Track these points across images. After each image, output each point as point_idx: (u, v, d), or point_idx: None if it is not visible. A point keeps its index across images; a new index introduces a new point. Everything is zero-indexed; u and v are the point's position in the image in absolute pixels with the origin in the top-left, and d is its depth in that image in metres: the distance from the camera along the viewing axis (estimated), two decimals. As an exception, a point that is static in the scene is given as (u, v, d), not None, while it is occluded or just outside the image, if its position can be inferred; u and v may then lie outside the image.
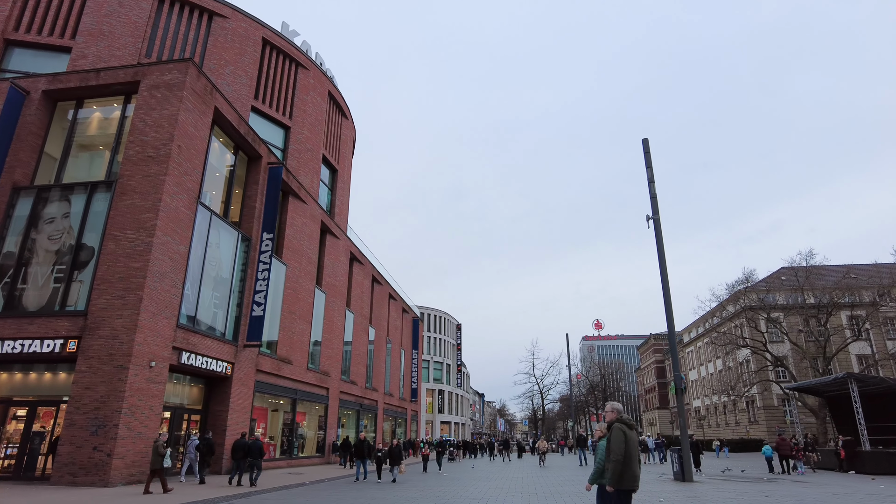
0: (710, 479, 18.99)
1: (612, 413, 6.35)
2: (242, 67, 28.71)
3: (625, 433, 5.92)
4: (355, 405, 35.86)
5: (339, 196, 36.48)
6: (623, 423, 6.07)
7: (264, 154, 24.77)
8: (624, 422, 6.10)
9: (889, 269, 48.56)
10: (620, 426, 6.00)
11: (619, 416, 6.18)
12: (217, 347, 20.23)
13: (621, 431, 5.94)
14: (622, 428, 5.97)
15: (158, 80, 19.12)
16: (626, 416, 6.27)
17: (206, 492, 14.67)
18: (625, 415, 6.26)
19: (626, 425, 6.04)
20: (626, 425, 6.04)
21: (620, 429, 5.97)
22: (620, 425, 6.00)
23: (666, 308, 17.13)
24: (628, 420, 6.18)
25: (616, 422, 6.10)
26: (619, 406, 6.46)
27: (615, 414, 6.27)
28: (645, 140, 18.90)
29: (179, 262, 18.20)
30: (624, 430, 5.94)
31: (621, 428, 5.97)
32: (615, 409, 6.36)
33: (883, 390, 24.80)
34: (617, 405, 6.46)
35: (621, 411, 6.32)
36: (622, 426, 6.00)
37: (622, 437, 5.88)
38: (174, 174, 18.06)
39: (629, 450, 5.85)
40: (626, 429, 5.98)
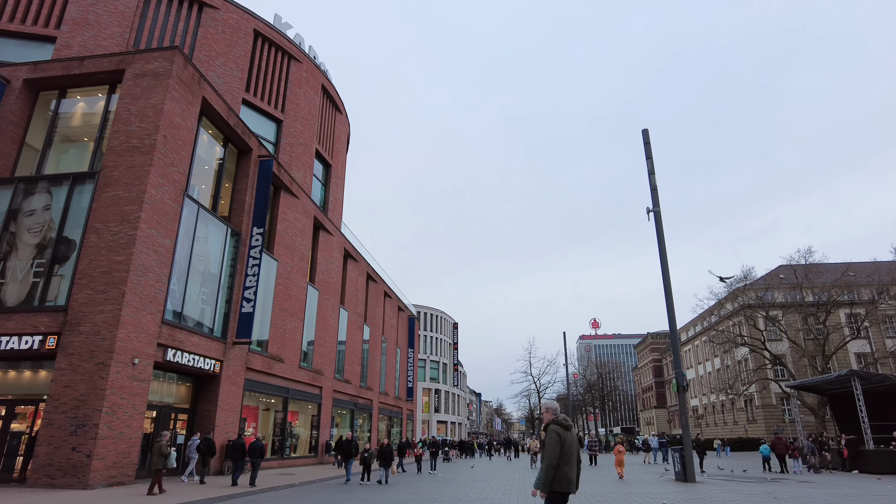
0: (713, 479, 18.50)
1: (547, 413, 6.10)
2: (233, 59, 28.09)
3: (559, 435, 5.70)
4: (349, 404, 35.28)
5: (333, 192, 35.89)
6: (559, 424, 5.82)
7: (254, 147, 24.18)
8: (559, 423, 5.84)
9: (888, 267, 48.24)
10: (555, 428, 5.76)
11: (555, 417, 5.92)
12: (205, 344, 19.63)
13: (556, 433, 5.71)
14: (557, 430, 5.73)
15: (144, 69, 18.51)
16: (563, 416, 6.00)
17: (199, 492, 14.32)
18: (561, 415, 6.00)
19: (561, 426, 5.79)
20: (561, 426, 5.79)
21: (555, 430, 5.73)
22: (556, 427, 5.77)
23: (667, 302, 16.63)
24: (564, 421, 5.92)
25: (552, 423, 5.86)
26: (555, 405, 6.21)
27: (551, 414, 6.02)
28: (645, 131, 18.42)
29: (165, 257, 17.60)
30: (559, 432, 5.71)
31: (556, 430, 5.73)
32: (550, 410, 6.12)
33: (886, 388, 24.40)
34: (552, 405, 6.21)
35: (557, 412, 6.06)
36: (557, 427, 5.76)
37: (556, 439, 5.67)
38: (159, 165, 17.46)
39: (564, 452, 5.64)
40: (561, 430, 5.74)
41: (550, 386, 77.13)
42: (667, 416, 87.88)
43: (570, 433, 5.86)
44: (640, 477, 19.85)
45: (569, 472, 5.64)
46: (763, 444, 25.77)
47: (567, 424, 5.89)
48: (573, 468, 5.70)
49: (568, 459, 5.66)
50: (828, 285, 45.33)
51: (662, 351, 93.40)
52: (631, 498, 13.25)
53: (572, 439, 5.84)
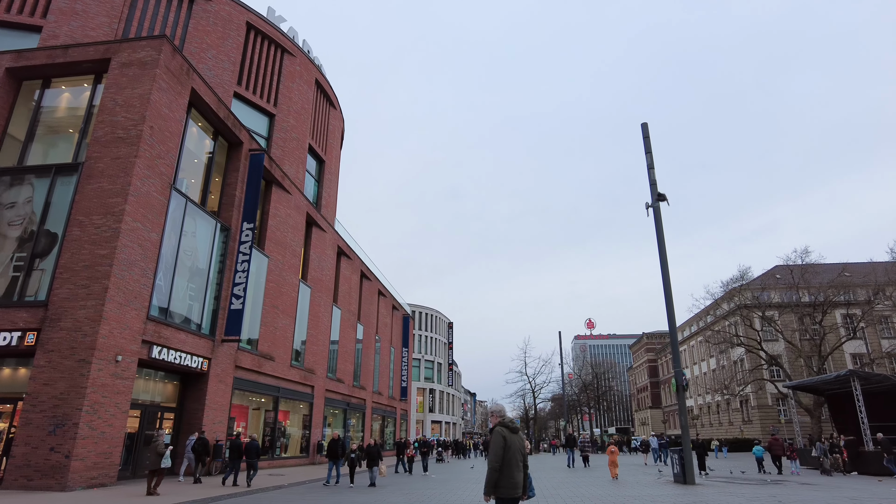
0: (712, 481, 18.12)
1: (493, 417, 5.99)
2: (225, 52, 27.55)
3: (504, 438, 5.63)
4: (342, 404, 34.80)
5: (327, 188, 35.38)
6: (504, 426, 5.77)
7: (245, 140, 23.68)
8: (505, 425, 5.79)
9: (884, 268, 48.08)
10: (500, 430, 5.69)
11: (502, 420, 5.87)
12: (192, 342, 19.13)
13: (500, 436, 5.64)
14: (502, 432, 5.67)
15: (130, 58, 18.00)
16: (511, 418, 6.01)
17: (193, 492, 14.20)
18: (508, 417, 5.98)
19: (507, 429, 5.74)
20: (507, 429, 5.74)
21: (500, 433, 5.67)
22: (501, 429, 5.70)
23: (666, 299, 16.25)
24: (511, 423, 5.89)
25: (497, 425, 5.82)
26: (501, 408, 6.01)
27: (497, 418, 5.88)
28: (644, 124, 18.03)
29: (151, 251, 17.10)
30: (504, 435, 5.65)
31: (501, 432, 5.67)
32: (496, 413, 5.90)
33: (886, 388, 24.11)
34: (498, 408, 5.98)
35: (503, 414, 5.69)
36: (503, 430, 5.69)
37: (501, 442, 5.61)
38: (146, 157, 16.96)
39: (509, 455, 5.58)
40: (507, 433, 5.68)
41: (546, 386, 76.82)
42: (662, 417, 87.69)
43: (517, 436, 5.77)
44: (637, 478, 19.47)
45: (514, 476, 5.54)
46: (756, 446, 25.51)
47: (513, 427, 5.82)
48: (519, 472, 5.60)
49: (513, 463, 5.57)
50: (824, 285, 45.16)
51: (658, 351, 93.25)
52: (628, 501, 12.85)
53: (518, 443, 5.75)
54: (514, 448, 5.67)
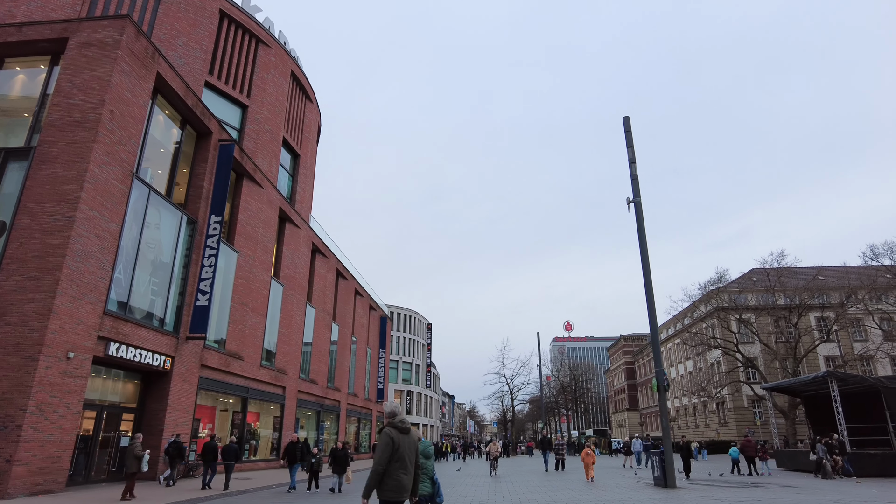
0: (692, 484, 17.72)
1: (386, 417, 5.75)
2: (196, 40, 26.53)
3: (392, 438, 5.36)
4: (315, 405, 33.86)
5: (302, 183, 34.45)
6: (394, 426, 5.49)
7: (215, 130, 22.75)
8: (395, 425, 5.50)
9: (857, 272, 48.76)
10: (389, 431, 5.42)
11: (392, 420, 5.58)
12: (154, 339, 18.15)
13: (388, 436, 5.37)
14: (390, 433, 5.40)
15: (90, 38, 17.01)
16: (402, 418, 5.63)
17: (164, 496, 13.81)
18: (399, 417, 5.62)
19: (397, 429, 5.46)
20: (397, 429, 5.46)
21: (388, 433, 5.40)
22: (390, 430, 5.43)
23: (647, 296, 15.80)
24: (402, 424, 5.55)
25: (387, 425, 5.52)
26: (393, 407, 5.80)
27: (389, 418, 5.66)
28: (626, 118, 17.61)
29: (109, 242, 16.12)
30: (392, 436, 5.38)
31: (389, 433, 5.40)
32: (387, 413, 5.77)
33: (862, 389, 24.02)
34: (389, 408, 5.81)
35: (395, 414, 5.68)
36: (391, 431, 5.42)
37: (388, 442, 5.33)
38: (105, 142, 16.00)
39: (397, 457, 5.31)
40: (395, 433, 5.41)
41: (524, 387, 76.62)
42: (639, 419, 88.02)
43: (408, 437, 5.52)
44: (616, 482, 19.00)
45: (401, 479, 5.28)
46: (733, 447, 25.54)
47: (404, 428, 5.54)
48: (408, 475, 5.36)
49: (402, 465, 5.31)
50: (799, 288, 45.57)
51: (635, 353, 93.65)
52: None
53: (409, 444, 5.49)
54: (404, 449, 5.39)
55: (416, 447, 5.68)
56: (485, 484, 19.24)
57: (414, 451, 5.61)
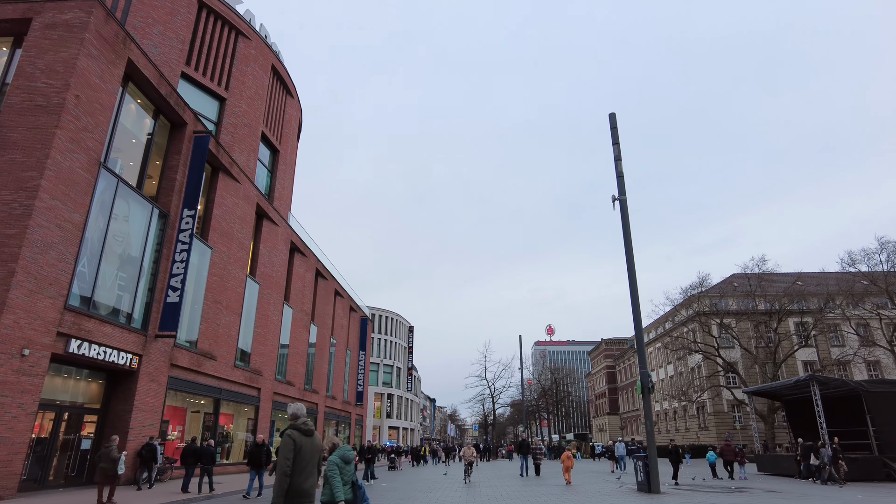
0: (676, 489, 17.36)
1: (289, 419, 5.52)
2: (173, 29, 25.69)
3: (295, 441, 5.18)
4: (292, 407, 32.98)
5: (281, 179, 33.65)
6: (296, 429, 5.31)
7: (190, 121, 21.97)
8: (298, 427, 5.32)
9: (835, 278, 49.22)
10: (291, 433, 5.24)
11: (295, 422, 5.39)
12: (119, 336, 17.32)
13: (290, 439, 5.18)
14: (292, 435, 5.22)
15: (55, 19, 16.23)
16: (305, 420, 5.44)
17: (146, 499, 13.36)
18: (302, 419, 5.43)
19: (300, 432, 5.28)
20: (300, 432, 5.28)
21: (290, 436, 5.21)
22: (292, 432, 5.26)
23: (632, 295, 15.43)
24: (304, 426, 5.37)
25: (289, 427, 5.34)
26: (295, 409, 5.57)
27: (291, 419, 5.46)
28: (612, 115, 17.29)
29: (72, 233, 15.31)
30: (294, 438, 5.20)
31: (291, 435, 5.22)
32: (291, 415, 5.51)
33: (844, 393, 23.97)
34: (293, 409, 5.56)
35: (297, 416, 5.46)
36: (294, 433, 5.24)
37: (290, 445, 5.14)
38: (69, 129, 15.22)
39: (299, 460, 5.13)
40: (297, 436, 5.23)
41: (505, 390, 76.22)
42: (620, 423, 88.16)
43: (311, 440, 5.33)
44: (598, 487, 18.57)
45: (303, 485, 5.12)
46: (710, 451, 25.46)
47: (306, 430, 5.35)
48: (309, 479, 5.20)
49: (303, 469, 5.15)
50: (779, 294, 45.85)
51: (616, 357, 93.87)
52: (591, 511, 11.84)
53: (311, 447, 5.32)
54: (307, 453, 5.21)
55: (319, 451, 5.46)
56: (458, 490, 18.49)
57: (317, 456, 5.40)
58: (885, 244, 40.71)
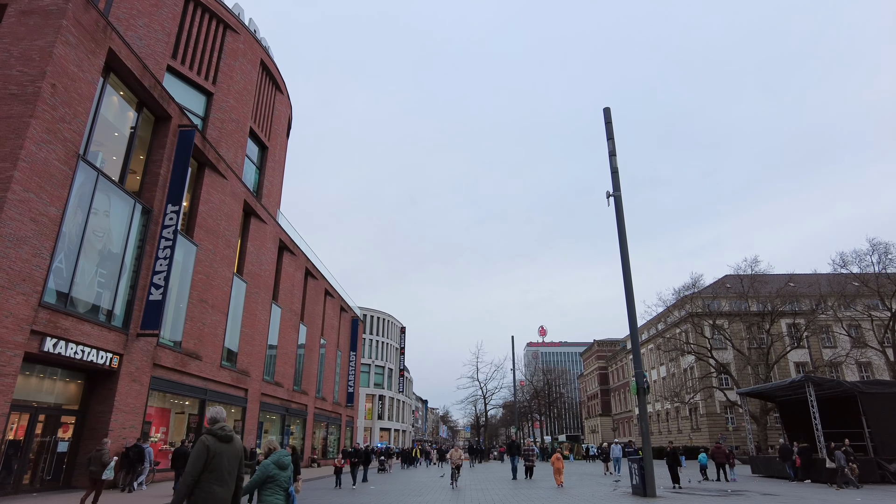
0: (671, 492, 16.98)
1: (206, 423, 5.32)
2: (158, 21, 25.09)
3: (208, 447, 4.92)
4: (280, 409, 32.44)
5: (269, 176, 33.06)
6: (212, 434, 5.05)
7: (174, 114, 21.40)
8: (213, 433, 5.06)
9: (827, 279, 49.21)
10: (205, 438, 5.00)
11: (211, 427, 5.14)
12: (98, 334, 16.73)
13: (203, 445, 4.94)
14: (206, 441, 4.97)
15: (32, 6, 15.66)
16: (222, 425, 5.16)
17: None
18: (219, 424, 5.16)
19: (215, 437, 5.03)
20: (215, 437, 5.03)
21: (203, 442, 4.97)
22: (206, 437, 5.02)
23: (627, 294, 15.05)
24: (221, 431, 5.10)
25: (205, 433, 5.11)
26: (215, 413, 5.29)
27: (209, 423, 5.22)
28: (606, 109, 16.92)
29: (48, 227, 14.73)
30: (208, 444, 4.94)
31: (205, 441, 4.97)
32: (209, 418, 5.25)
33: (839, 394, 23.74)
34: (212, 412, 5.30)
35: (216, 420, 5.20)
36: (208, 438, 5.00)
37: (202, 451, 4.90)
38: (45, 119, 14.65)
39: (212, 467, 4.87)
40: (212, 441, 4.97)
41: (497, 391, 75.76)
42: (612, 424, 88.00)
43: (229, 446, 5.08)
44: (591, 490, 18.15)
45: (216, 491, 4.84)
46: (701, 453, 25.23)
47: (224, 435, 5.07)
48: (223, 486, 4.91)
49: (218, 477, 4.88)
50: (772, 295, 45.76)
51: (608, 359, 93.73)
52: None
53: (229, 453, 5.06)
54: (222, 459, 4.94)
55: (238, 457, 5.17)
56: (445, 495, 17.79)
57: (235, 462, 5.12)
58: (876, 246, 40.66)
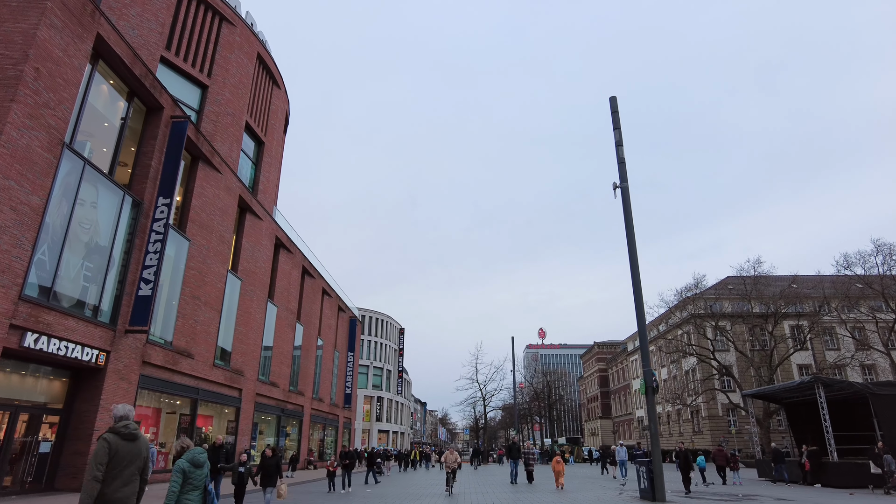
0: (679, 496, 16.33)
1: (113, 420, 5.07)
2: (152, 11, 24.50)
3: (110, 445, 4.75)
4: (276, 410, 31.75)
5: (266, 172, 32.44)
6: (115, 432, 4.88)
7: (167, 105, 20.77)
8: (116, 431, 4.89)
9: (831, 280, 48.70)
10: (107, 436, 4.82)
11: (114, 424, 4.95)
12: (84, 330, 16.06)
13: (105, 442, 4.76)
14: (108, 438, 4.79)
15: (15, -13, 15.02)
16: (126, 423, 4.95)
17: None
18: (123, 422, 4.94)
19: (118, 435, 4.86)
20: (118, 435, 4.86)
21: (105, 439, 4.78)
22: (109, 435, 4.85)
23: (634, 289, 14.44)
24: (125, 429, 4.91)
25: (108, 431, 4.93)
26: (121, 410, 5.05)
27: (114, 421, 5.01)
28: (613, 98, 16.32)
29: (29, 217, 14.08)
30: (109, 441, 4.77)
31: (107, 438, 4.79)
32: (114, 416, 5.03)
33: (848, 396, 23.12)
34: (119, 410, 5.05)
35: (121, 418, 4.98)
36: (110, 436, 4.83)
37: (104, 449, 4.74)
38: (27, 104, 14.01)
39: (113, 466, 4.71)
40: (114, 439, 4.80)
41: (497, 393, 75.06)
42: (612, 427, 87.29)
43: (133, 445, 4.90)
44: (597, 494, 17.50)
45: (116, 493, 4.67)
46: (700, 456, 24.76)
47: (127, 434, 4.89)
48: (126, 487, 4.76)
49: (116, 476, 4.71)
50: (775, 296, 45.20)
51: (609, 361, 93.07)
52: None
53: (132, 452, 4.88)
54: (123, 458, 4.77)
55: (140, 457, 4.97)
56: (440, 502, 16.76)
57: (140, 461, 4.96)
58: (880, 247, 40.18)
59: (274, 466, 12.80)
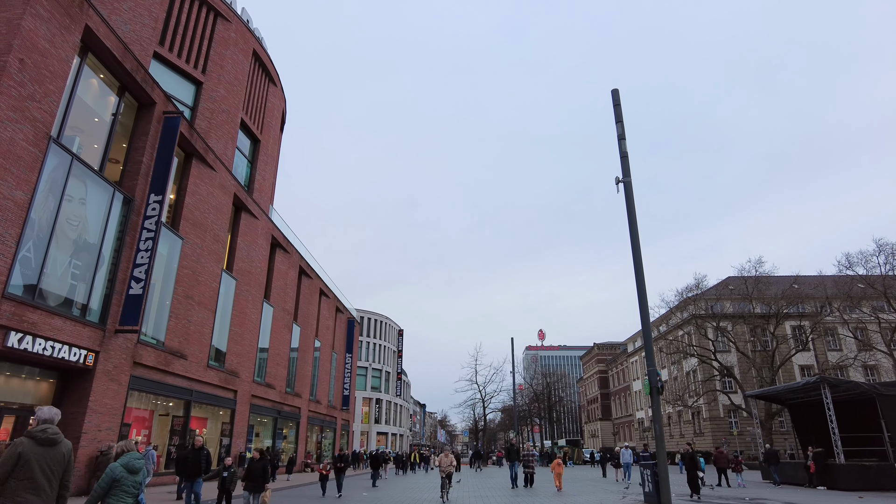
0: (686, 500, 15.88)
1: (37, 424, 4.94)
2: (145, 6, 24.07)
3: (20, 452, 4.53)
4: (272, 412, 31.27)
5: (262, 171, 32.00)
6: (30, 436, 4.69)
7: (159, 100, 20.34)
8: (32, 434, 4.69)
9: (833, 280, 48.31)
10: (21, 441, 4.65)
11: (32, 427, 4.83)
12: (71, 329, 15.60)
13: (15, 449, 4.58)
14: (20, 444, 4.61)
15: (0, -24, 14.59)
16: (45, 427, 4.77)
17: None
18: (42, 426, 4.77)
19: (34, 440, 4.63)
20: (34, 440, 4.63)
21: (17, 446, 4.61)
22: (22, 440, 4.66)
23: (638, 285, 13.98)
24: (42, 434, 4.69)
25: (24, 435, 4.75)
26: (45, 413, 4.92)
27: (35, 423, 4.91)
28: (615, 91, 15.93)
29: (13, 213, 13.64)
30: (19, 449, 4.56)
31: (21, 442, 4.64)
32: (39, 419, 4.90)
33: (854, 397, 22.69)
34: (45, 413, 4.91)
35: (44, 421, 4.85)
36: (24, 441, 4.62)
37: (11, 457, 4.50)
38: (11, 95, 13.58)
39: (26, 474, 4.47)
40: (27, 445, 4.56)
41: (496, 395, 74.48)
42: (612, 429, 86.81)
43: (50, 450, 4.65)
44: (599, 498, 17.05)
45: (31, 501, 4.43)
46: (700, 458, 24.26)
47: (44, 438, 4.64)
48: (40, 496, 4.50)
49: (30, 484, 4.45)
50: (776, 297, 44.78)
51: (609, 362, 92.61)
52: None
53: (49, 458, 4.63)
54: (35, 465, 4.50)
55: (56, 464, 4.71)
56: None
57: (57, 467, 4.70)
58: (882, 247, 39.74)
59: (260, 471, 11.63)
